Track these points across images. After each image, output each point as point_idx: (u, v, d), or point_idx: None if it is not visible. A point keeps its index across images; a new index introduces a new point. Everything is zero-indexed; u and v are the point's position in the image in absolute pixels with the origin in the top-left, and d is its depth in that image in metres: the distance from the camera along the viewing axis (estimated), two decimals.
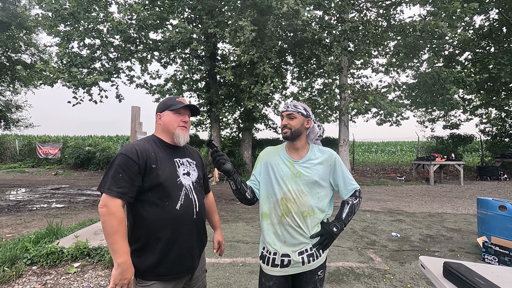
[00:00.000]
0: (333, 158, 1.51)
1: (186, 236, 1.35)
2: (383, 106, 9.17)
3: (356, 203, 1.49)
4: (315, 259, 1.43)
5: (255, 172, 1.58)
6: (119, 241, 1.18)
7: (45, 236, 3.66)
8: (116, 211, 1.18)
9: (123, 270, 1.18)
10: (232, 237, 4.28)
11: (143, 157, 1.28)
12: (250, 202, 1.56)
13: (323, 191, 1.48)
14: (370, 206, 6.78)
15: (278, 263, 1.42)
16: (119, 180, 1.21)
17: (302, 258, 1.41)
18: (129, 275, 1.20)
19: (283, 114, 1.51)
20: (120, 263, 1.17)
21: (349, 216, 1.47)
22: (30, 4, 15.53)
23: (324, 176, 1.48)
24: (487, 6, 11.27)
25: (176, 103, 1.42)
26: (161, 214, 1.28)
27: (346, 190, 1.51)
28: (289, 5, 6.88)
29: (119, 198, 1.20)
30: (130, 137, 4.02)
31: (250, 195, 1.53)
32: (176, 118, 1.41)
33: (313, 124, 1.54)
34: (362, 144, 22.04)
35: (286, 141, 1.57)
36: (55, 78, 8.14)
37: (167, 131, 1.42)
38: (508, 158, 12.09)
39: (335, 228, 1.43)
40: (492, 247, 3.33)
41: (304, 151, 1.52)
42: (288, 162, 1.50)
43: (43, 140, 17.43)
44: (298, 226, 1.42)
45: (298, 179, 1.45)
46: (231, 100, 13.08)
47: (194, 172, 1.47)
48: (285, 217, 1.43)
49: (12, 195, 8.09)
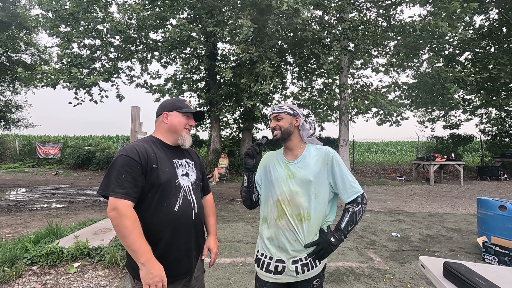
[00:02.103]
0: (330, 156, 1.42)
1: (184, 238, 1.34)
2: (383, 105, 9.17)
3: (358, 211, 1.36)
4: (310, 269, 1.35)
5: (257, 177, 1.56)
6: (136, 240, 1.15)
7: (45, 236, 3.66)
8: (127, 212, 1.15)
9: (149, 269, 1.15)
10: (232, 237, 4.28)
11: (144, 157, 1.27)
12: (252, 205, 1.56)
13: (320, 192, 1.38)
14: (370, 206, 6.78)
15: (272, 269, 1.38)
16: (123, 181, 1.19)
17: (296, 268, 1.34)
18: (158, 272, 1.17)
19: (270, 117, 1.49)
20: (144, 262, 1.15)
21: (349, 226, 1.35)
22: (30, 4, 15.53)
23: (320, 176, 1.39)
24: (487, 6, 11.27)
25: (185, 106, 1.45)
26: (159, 216, 1.27)
27: (345, 192, 1.38)
28: (289, 4, 6.88)
29: (126, 199, 1.17)
30: (130, 137, 4.02)
31: (256, 197, 1.53)
32: (185, 121, 1.44)
33: (302, 121, 1.49)
34: (362, 144, 22.04)
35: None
36: (56, 79, 8.14)
37: (174, 131, 1.42)
38: (508, 158, 12.09)
39: (333, 238, 1.33)
40: (492, 247, 3.33)
41: (300, 151, 1.47)
42: (283, 164, 1.47)
43: (43, 140, 17.42)
44: (293, 230, 1.36)
45: (292, 179, 1.41)
46: (231, 100, 13.08)
47: (192, 173, 1.46)
48: (280, 219, 1.39)
49: (12, 195, 8.09)
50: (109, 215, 1.16)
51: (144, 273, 1.15)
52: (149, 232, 1.27)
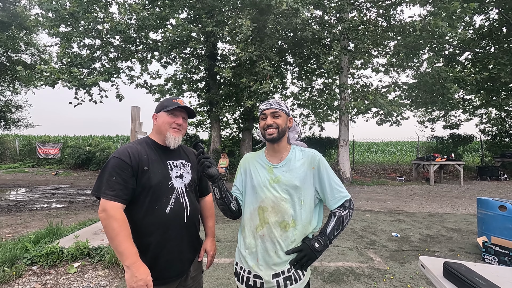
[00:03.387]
0: (316, 160, 1.32)
1: (176, 241, 1.33)
2: (383, 105, 9.17)
3: (345, 215, 1.27)
4: (293, 283, 1.22)
5: (237, 182, 1.44)
6: (123, 242, 1.15)
7: (45, 236, 3.66)
8: (115, 214, 1.16)
9: (134, 272, 1.14)
10: (232, 237, 4.28)
11: (136, 159, 1.27)
12: (234, 215, 1.39)
13: (306, 198, 1.28)
14: (370, 206, 6.78)
15: (252, 284, 1.25)
16: (113, 183, 1.19)
17: (278, 282, 1.21)
18: (143, 276, 1.15)
19: (266, 112, 1.34)
20: (129, 264, 1.14)
21: (335, 231, 1.24)
22: (30, 4, 15.54)
23: (306, 181, 1.29)
24: (487, 6, 11.27)
25: (171, 104, 1.38)
26: (150, 218, 1.27)
27: (333, 198, 1.29)
28: (289, 4, 6.88)
29: (115, 201, 1.18)
30: (130, 137, 4.02)
31: (235, 206, 1.37)
32: (170, 119, 1.38)
33: (294, 123, 1.42)
34: (362, 144, 22.05)
35: (266, 145, 1.42)
36: (56, 78, 8.14)
37: (160, 132, 1.40)
38: (508, 158, 12.08)
39: (317, 244, 1.21)
40: (492, 247, 3.33)
41: (285, 154, 1.37)
42: (267, 167, 1.35)
43: (43, 140, 17.42)
44: (275, 241, 1.24)
45: (276, 184, 1.29)
46: (231, 100, 13.08)
47: (187, 175, 1.43)
48: (260, 228, 1.27)
49: (12, 195, 8.09)
50: (99, 216, 1.18)
51: (129, 276, 1.14)
52: (140, 234, 1.27)
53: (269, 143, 1.36)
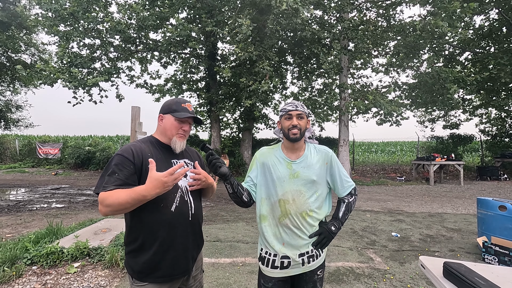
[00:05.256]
0: (329, 156, 1.52)
1: (181, 238, 1.34)
2: (383, 105, 9.17)
3: (352, 201, 1.51)
4: (315, 260, 1.43)
5: (251, 174, 1.55)
6: (130, 192, 1.13)
7: (45, 236, 3.66)
8: (107, 196, 1.14)
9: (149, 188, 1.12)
10: (232, 237, 4.28)
11: (139, 157, 1.28)
12: (247, 205, 1.53)
13: (320, 190, 1.47)
14: (370, 206, 6.78)
15: (278, 265, 1.42)
16: (114, 179, 1.20)
17: (303, 260, 1.41)
18: (157, 178, 1.12)
19: (292, 113, 1.45)
20: (144, 192, 1.12)
21: (346, 215, 1.48)
22: (30, 4, 15.54)
23: (321, 175, 1.48)
24: (487, 6, 11.27)
25: (181, 109, 1.39)
26: (156, 216, 1.28)
27: (343, 188, 1.51)
28: (289, 4, 6.88)
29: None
30: (130, 137, 4.02)
31: (247, 197, 1.50)
32: (177, 125, 1.39)
33: (310, 124, 1.58)
34: (362, 144, 22.05)
35: (283, 141, 1.55)
36: (55, 78, 8.14)
37: (165, 135, 1.41)
38: (508, 158, 12.09)
39: (333, 227, 1.43)
40: (492, 247, 3.33)
41: (302, 151, 1.52)
42: (285, 163, 1.49)
43: (43, 140, 17.41)
44: (297, 227, 1.42)
45: (296, 179, 1.44)
46: (231, 99, 13.08)
47: (191, 173, 1.45)
48: (283, 218, 1.43)
49: (12, 195, 8.09)
50: (100, 210, 1.17)
51: (152, 188, 1.12)
52: (146, 232, 1.28)
53: (290, 142, 1.48)
